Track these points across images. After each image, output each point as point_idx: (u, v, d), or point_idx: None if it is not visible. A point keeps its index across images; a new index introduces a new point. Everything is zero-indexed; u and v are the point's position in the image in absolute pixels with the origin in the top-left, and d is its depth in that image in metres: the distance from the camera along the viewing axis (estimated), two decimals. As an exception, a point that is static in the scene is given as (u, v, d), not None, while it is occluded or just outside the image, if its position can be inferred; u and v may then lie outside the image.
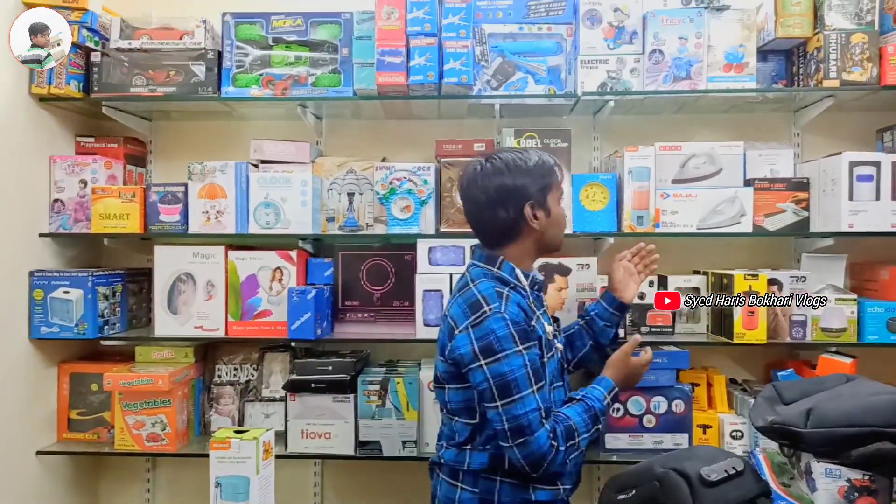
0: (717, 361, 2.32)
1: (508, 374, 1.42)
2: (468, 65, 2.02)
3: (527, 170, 1.56)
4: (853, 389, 1.35)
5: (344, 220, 2.21)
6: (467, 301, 1.50)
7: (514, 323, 1.45)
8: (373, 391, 2.09)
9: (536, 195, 1.56)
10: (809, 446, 1.29)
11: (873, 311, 2.03)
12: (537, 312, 1.58)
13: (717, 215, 2.11)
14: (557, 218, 1.63)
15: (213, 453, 1.56)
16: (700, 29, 2.07)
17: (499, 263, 1.58)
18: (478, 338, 1.44)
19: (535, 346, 1.48)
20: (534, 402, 1.42)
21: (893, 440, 1.23)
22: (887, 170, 2.00)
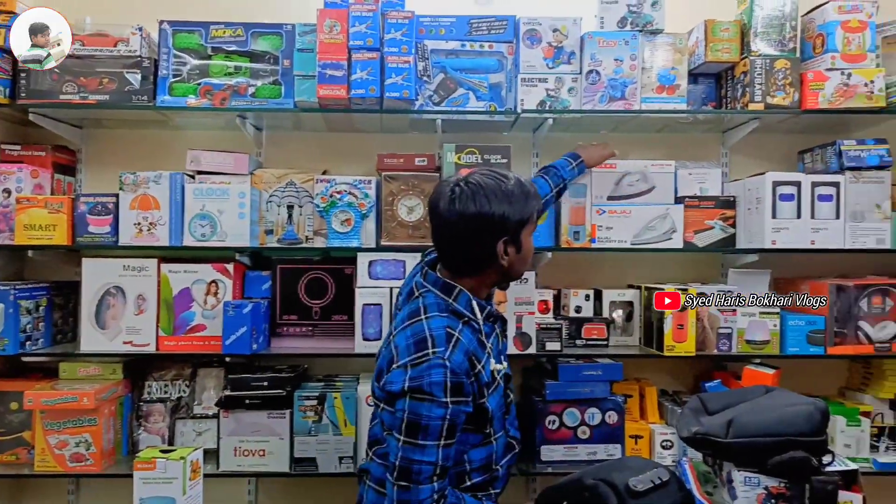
0: (649, 373, 2.39)
1: (424, 419, 1.37)
2: (410, 80, 2.04)
3: (508, 200, 1.47)
4: (771, 401, 1.42)
5: (283, 233, 2.18)
6: (415, 336, 1.44)
7: (453, 374, 1.38)
8: (309, 407, 2.06)
9: (513, 228, 1.48)
10: (730, 455, 1.35)
11: (795, 325, 2.12)
12: (488, 346, 1.53)
13: (650, 231, 2.18)
14: (527, 253, 1.56)
15: (138, 474, 1.51)
16: (634, 51, 2.14)
17: (455, 294, 1.50)
18: (412, 377, 1.39)
19: (465, 403, 1.41)
20: (433, 456, 1.37)
21: (806, 448, 1.29)
22: (807, 190, 2.11)
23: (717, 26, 2.17)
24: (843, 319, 2.11)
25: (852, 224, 2.11)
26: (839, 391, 2.40)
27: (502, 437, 1.57)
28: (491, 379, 1.50)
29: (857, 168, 2.12)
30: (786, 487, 1.32)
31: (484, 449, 1.52)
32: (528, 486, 2.35)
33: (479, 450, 1.51)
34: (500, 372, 1.54)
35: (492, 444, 1.53)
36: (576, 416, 2.12)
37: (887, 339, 2.11)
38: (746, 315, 2.13)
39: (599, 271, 2.40)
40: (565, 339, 2.17)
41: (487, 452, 1.52)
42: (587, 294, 2.26)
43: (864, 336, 2.11)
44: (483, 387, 1.47)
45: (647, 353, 2.17)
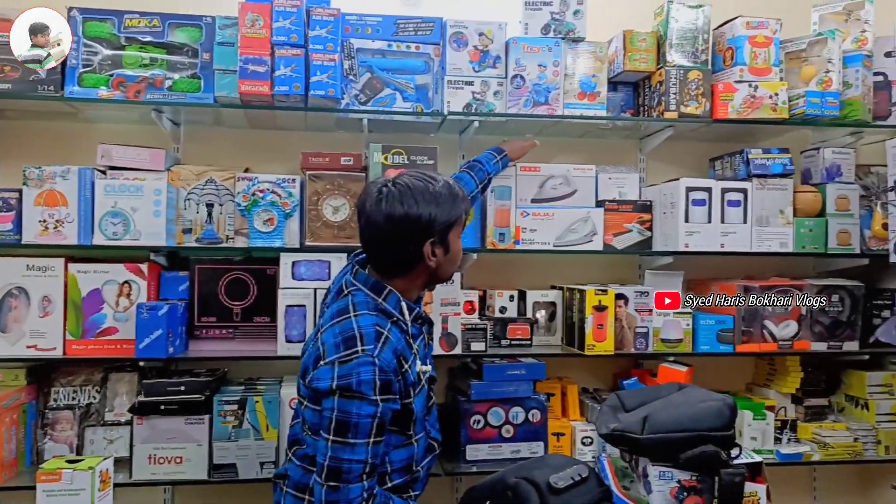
0: (571, 371, 2.45)
1: (353, 416, 1.35)
2: (336, 78, 2.01)
3: (435, 201, 1.48)
4: (684, 397, 1.48)
5: (202, 232, 2.11)
6: (343, 333, 1.42)
7: (381, 371, 1.37)
8: (229, 411, 2.00)
9: (440, 231, 1.49)
10: (645, 451, 1.40)
11: (706, 324, 2.23)
12: (414, 347, 1.53)
13: (572, 234, 2.24)
14: (454, 255, 1.56)
15: (42, 486, 1.43)
16: (557, 58, 2.19)
17: (385, 294, 1.50)
18: (340, 375, 1.37)
19: (393, 400, 1.41)
20: (362, 454, 1.36)
21: (715, 442, 1.36)
22: (717, 195, 2.22)
23: (634, 37, 2.25)
24: (749, 319, 2.23)
25: (758, 228, 2.23)
26: (746, 387, 2.54)
27: (423, 438, 1.57)
28: (417, 380, 1.51)
29: (762, 175, 2.24)
30: (697, 480, 1.38)
31: (405, 450, 1.51)
32: (453, 485, 2.36)
33: (401, 451, 1.51)
34: (425, 374, 1.54)
35: (413, 446, 1.53)
36: (500, 416, 2.15)
37: (789, 337, 2.24)
38: (661, 315, 2.22)
39: (523, 272, 2.44)
40: (490, 340, 2.20)
41: (408, 454, 1.52)
42: (511, 295, 2.30)
43: (768, 334, 2.24)
44: (409, 387, 1.47)
45: (569, 353, 2.23)
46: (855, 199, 2.28)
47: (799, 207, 2.27)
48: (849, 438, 2.28)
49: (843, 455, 2.26)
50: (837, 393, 2.46)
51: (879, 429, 2.30)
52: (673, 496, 1.38)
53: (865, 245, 2.30)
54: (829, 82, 2.20)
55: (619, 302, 2.20)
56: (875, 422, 2.30)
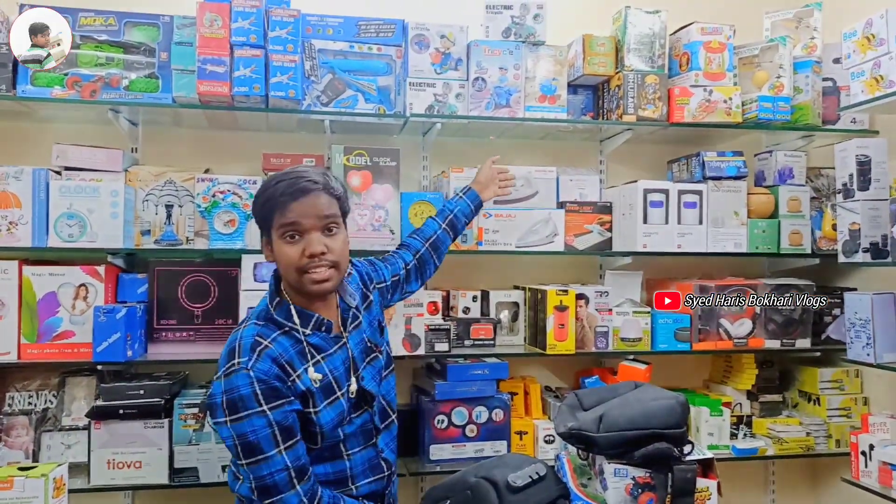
0: (533, 371, 2.48)
1: (250, 435, 1.35)
2: (296, 79, 2.00)
3: (259, 198, 1.47)
4: (639, 395, 1.52)
5: (161, 234, 2.08)
6: (230, 345, 1.43)
7: (259, 381, 1.36)
8: (190, 415, 1.98)
9: (264, 227, 1.49)
10: (601, 449, 1.43)
11: (664, 323, 2.28)
12: (311, 360, 1.46)
13: (533, 235, 2.27)
14: (279, 256, 1.46)
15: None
16: (518, 61, 2.22)
17: (276, 304, 1.48)
18: (226, 390, 1.36)
19: (287, 403, 1.39)
20: (280, 463, 1.37)
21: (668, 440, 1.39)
22: (674, 197, 2.27)
23: (594, 41, 2.29)
24: (706, 317, 2.29)
25: (713, 229, 2.29)
26: (704, 383, 2.60)
27: (362, 454, 1.54)
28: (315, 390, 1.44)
29: (717, 178, 2.30)
30: (650, 477, 1.42)
31: (331, 464, 1.50)
32: (417, 485, 2.38)
33: (325, 465, 1.49)
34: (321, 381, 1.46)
35: (344, 461, 1.51)
36: (464, 415, 2.16)
37: (744, 335, 2.30)
38: (621, 314, 2.26)
39: (486, 273, 2.46)
40: (454, 340, 2.21)
41: (336, 468, 1.50)
42: (475, 295, 2.32)
43: (724, 332, 2.30)
44: (305, 395, 1.43)
45: (532, 352, 2.26)
46: (806, 201, 2.35)
47: (752, 209, 2.33)
48: (801, 433, 2.35)
49: (797, 449, 2.33)
50: (791, 389, 2.53)
51: (830, 423, 2.37)
52: (628, 492, 1.42)
53: (816, 245, 2.37)
54: (781, 87, 2.26)
55: (580, 302, 2.23)
56: (826, 416, 2.38)
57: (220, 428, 1.38)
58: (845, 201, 2.07)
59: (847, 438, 2.36)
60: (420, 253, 1.92)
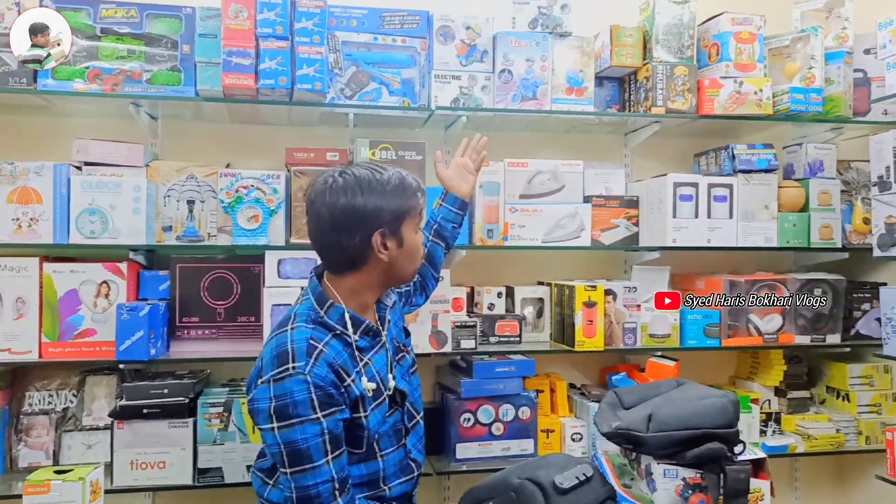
0: (558, 367, 2.44)
1: (301, 443, 1.31)
2: (322, 71, 1.96)
3: (383, 191, 1.40)
4: (684, 394, 1.48)
5: (183, 230, 2.04)
6: (278, 348, 1.36)
7: (316, 387, 1.32)
8: (214, 414, 1.95)
9: (390, 222, 1.41)
10: (651, 449, 1.39)
11: (693, 319, 2.24)
12: (360, 364, 1.44)
13: (560, 229, 2.23)
14: (411, 249, 1.46)
15: (28, 499, 1.36)
16: (545, 52, 2.17)
17: (327, 307, 1.43)
18: (276, 396, 1.31)
19: (339, 411, 1.36)
20: (327, 474, 1.33)
21: (721, 440, 1.36)
22: (704, 190, 2.23)
23: (621, 32, 2.24)
24: (735, 313, 2.25)
25: (744, 223, 2.25)
26: (730, 380, 2.56)
27: (394, 454, 1.51)
28: (368, 394, 1.42)
29: (748, 171, 2.26)
30: (701, 477, 1.38)
31: (365, 465, 1.46)
32: (442, 484, 2.34)
33: (360, 466, 1.45)
34: (373, 389, 1.44)
35: (377, 461, 1.47)
36: (490, 413, 2.13)
37: (774, 330, 2.27)
38: (650, 310, 2.22)
39: (511, 268, 2.42)
40: (479, 337, 2.18)
41: (370, 469, 1.47)
42: (500, 291, 2.28)
43: (753, 328, 2.26)
44: (357, 401, 1.40)
45: (559, 349, 2.22)
46: (836, 194, 2.31)
47: (783, 202, 2.29)
48: (831, 430, 2.31)
49: (826, 446, 2.30)
50: (818, 385, 2.50)
51: (860, 419, 2.34)
52: (678, 494, 1.38)
53: (846, 239, 2.33)
54: (813, 79, 2.22)
55: (608, 297, 2.19)
56: (856, 413, 2.35)
57: (266, 434, 1.33)
58: (881, 194, 2.02)
59: (877, 435, 2.33)
60: None
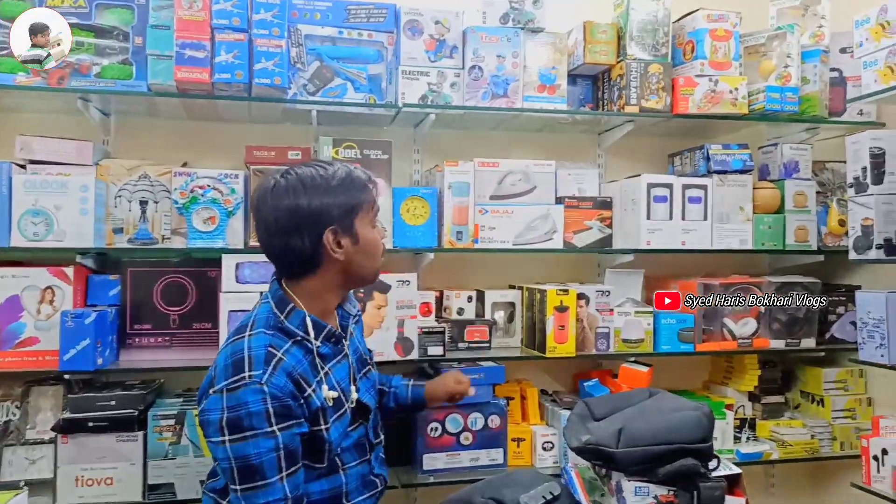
0: (529, 374, 2.37)
1: (254, 458, 1.22)
2: (282, 66, 1.87)
3: (328, 187, 1.34)
4: (656, 405, 1.42)
5: (135, 232, 1.94)
6: (234, 355, 1.29)
7: (273, 398, 1.24)
8: (166, 427, 1.85)
9: (340, 219, 1.34)
10: (622, 465, 1.33)
11: (667, 323, 2.18)
12: (321, 372, 1.37)
13: (532, 231, 2.16)
14: (368, 245, 1.40)
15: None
16: (517, 49, 2.10)
17: (287, 311, 1.36)
18: (229, 406, 1.24)
19: (297, 424, 1.28)
20: (280, 492, 1.24)
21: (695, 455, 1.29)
22: (678, 191, 2.18)
23: (595, 28, 2.18)
24: (709, 317, 2.20)
25: (718, 225, 2.20)
26: (703, 385, 2.51)
27: (358, 469, 1.44)
28: (327, 406, 1.35)
29: (723, 172, 2.21)
30: (674, 495, 1.32)
31: (327, 480, 1.38)
32: (409, 496, 2.26)
33: (322, 481, 1.37)
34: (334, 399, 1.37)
35: (340, 475, 1.40)
36: (458, 422, 2.05)
37: (748, 335, 2.22)
38: (623, 314, 2.16)
39: (481, 272, 2.35)
40: (448, 343, 2.10)
41: (332, 485, 1.39)
42: (470, 295, 2.21)
43: (728, 332, 2.21)
44: (317, 413, 1.33)
45: (530, 355, 2.15)
46: (812, 196, 2.27)
47: (758, 204, 2.24)
48: (806, 435, 2.27)
49: (801, 453, 2.25)
50: (793, 390, 2.46)
51: (835, 425, 2.30)
52: (650, 512, 1.32)
53: (822, 241, 2.29)
54: (789, 77, 2.18)
55: (581, 302, 2.13)
56: (831, 418, 2.31)
57: (216, 448, 1.25)
58: (857, 195, 1.98)
59: (852, 441, 2.30)
60: None
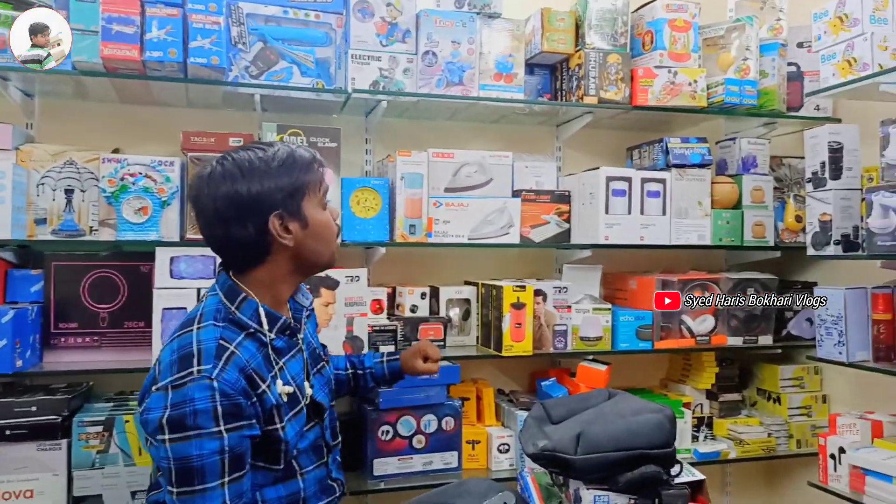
0: (485, 373, 2.30)
1: (195, 459, 1.12)
2: (220, 44, 1.74)
3: (268, 169, 1.24)
4: (616, 408, 1.35)
5: (59, 223, 1.79)
6: (181, 350, 1.19)
7: (223, 395, 1.14)
8: (93, 434, 1.70)
9: (285, 202, 1.24)
10: (580, 473, 1.25)
11: (625, 320, 2.13)
12: (280, 363, 1.30)
13: (488, 225, 2.08)
14: (319, 227, 1.30)
15: None
16: (472, 34, 2.02)
17: (238, 302, 1.26)
18: (173, 404, 1.13)
19: (247, 426, 1.18)
20: (218, 499, 1.13)
21: (656, 461, 1.23)
22: (637, 185, 2.12)
23: (553, 16, 2.11)
24: (668, 314, 2.15)
25: (677, 220, 2.16)
26: (661, 383, 2.48)
27: (315, 472, 1.35)
28: (281, 402, 1.26)
29: (681, 165, 2.16)
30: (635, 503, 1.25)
31: (284, 486, 1.29)
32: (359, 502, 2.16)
33: (278, 487, 1.28)
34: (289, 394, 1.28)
35: (297, 480, 1.30)
36: (411, 425, 1.96)
37: (707, 332, 2.18)
38: (581, 311, 2.10)
39: (435, 267, 2.26)
40: (400, 341, 2.00)
41: (290, 490, 1.30)
42: (423, 292, 2.11)
43: (686, 330, 2.17)
44: (272, 410, 1.23)
45: (485, 354, 2.07)
46: (769, 191, 2.25)
47: (716, 199, 2.21)
48: (763, 434, 2.25)
49: (758, 451, 2.23)
50: (749, 387, 2.44)
51: (791, 422, 2.29)
52: (610, 522, 1.25)
53: (778, 238, 2.27)
54: (748, 70, 2.15)
55: (538, 298, 2.06)
56: (787, 416, 2.29)
57: (157, 448, 1.14)
58: (815, 190, 1.96)
59: (808, 438, 2.29)
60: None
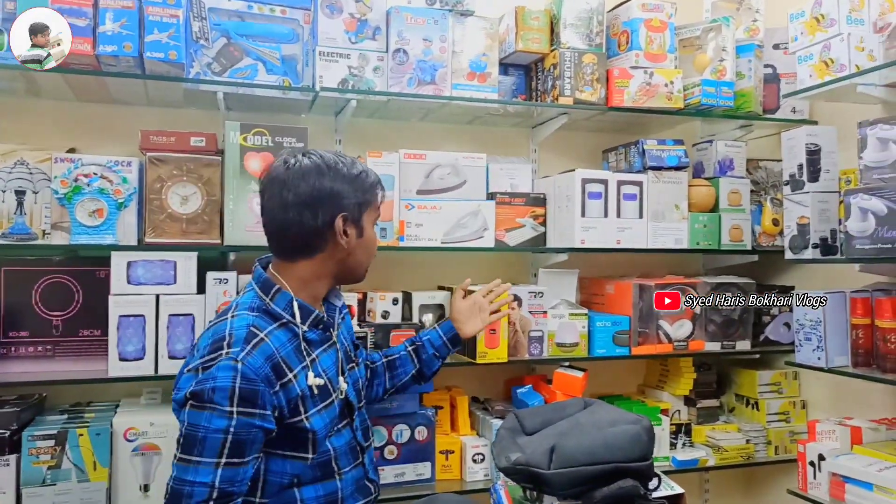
0: (459, 380, 2.23)
1: (200, 430, 1.18)
2: (178, 38, 1.66)
3: (349, 175, 1.37)
4: (594, 418, 1.29)
5: (9, 227, 1.69)
6: (216, 334, 1.27)
7: (244, 378, 1.20)
8: (44, 448, 1.61)
9: (352, 209, 1.36)
10: (554, 488, 1.19)
11: (602, 325, 2.08)
12: (312, 355, 1.36)
13: (461, 229, 2.02)
14: (369, 242, 1.44)
15: None
16: (444, 32, 1.96)
17: (273, 293, 1.34)
18: (198, 381, 1.20)
19: (259, 416, 1.22)
20: (208, 476, 1.17)
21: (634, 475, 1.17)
22: (613, 188, 2.08)
23: (527, 14, 2.07)
24: (645, 319, 2.11)
25: (654, 223, 2.12)
26: (638, 389, 2.43)
27: (351, 474, 1.38)
28: (310, 394, 1.31)
29: (658, 168, 2.13)
30: (611, 519, 1.20)
31: (322, 486, 1.33)
32: (328, 516, 2.07)
33: (317, 486, 1.32)
34: (320, 386, 1.34)
35: (335, 481, 1.33)
36: (382, 435, 1.89)
37: (684, 337, 2.14)
38: (557, 317, 2.05)
39: (408, 272, 2.19)
40: (371, 348, 1.93)
41: (328, 490, 1.33)
42: (395, 297, 2.04)
43: (663, 335, 2.13)
44: (297, 400, 1.28)
45: (459, 361, 2.01)
46: (746, 194, 2.22)
47: (693, 202, 2.17)
48: (741, 440, 2.22)
49: (737, 458, 2.19)
50: (728, 393, 2.41)
51: (769, 429, 2.25)
52: (584, 538, 1.19)
53: (756, 241, 2.24)
54: (724, 71, 2.11)
55: (513, 304, 2.00)
56: (766, 422, 2.26)
57: (181, 412, 1.22)
58: (793, 193, 1.93)
59: (786, 445, 2.26)
60: (376, 364, 1.72)
